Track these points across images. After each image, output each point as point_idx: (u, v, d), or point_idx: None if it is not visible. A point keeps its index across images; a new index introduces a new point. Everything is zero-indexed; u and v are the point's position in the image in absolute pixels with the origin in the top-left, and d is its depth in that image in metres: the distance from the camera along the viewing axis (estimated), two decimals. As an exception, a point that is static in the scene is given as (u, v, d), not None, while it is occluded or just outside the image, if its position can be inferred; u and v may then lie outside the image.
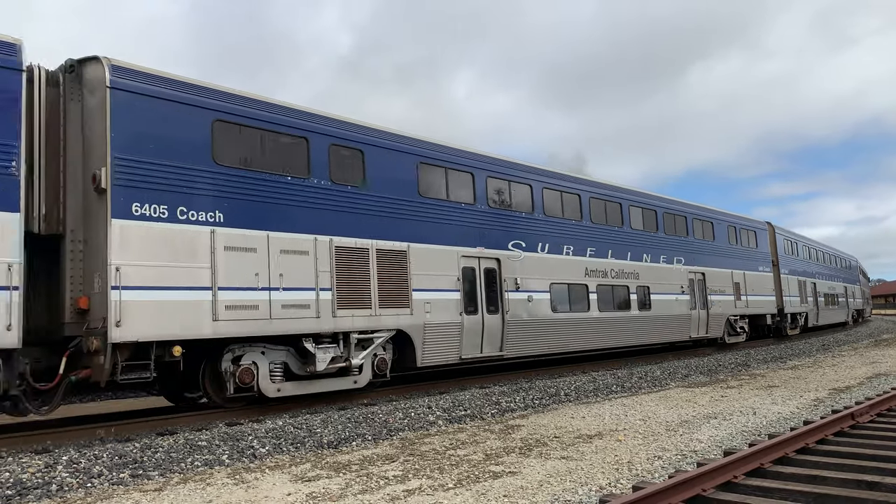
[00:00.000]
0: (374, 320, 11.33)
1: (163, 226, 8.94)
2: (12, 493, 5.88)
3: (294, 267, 10.25)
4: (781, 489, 4.90)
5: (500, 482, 5.77)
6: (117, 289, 8.39)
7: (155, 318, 8.67)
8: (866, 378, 12.90)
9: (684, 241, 20.50)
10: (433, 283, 12.42)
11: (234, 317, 9.43)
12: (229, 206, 9.66)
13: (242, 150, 10.05)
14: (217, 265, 9.35)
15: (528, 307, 14.32)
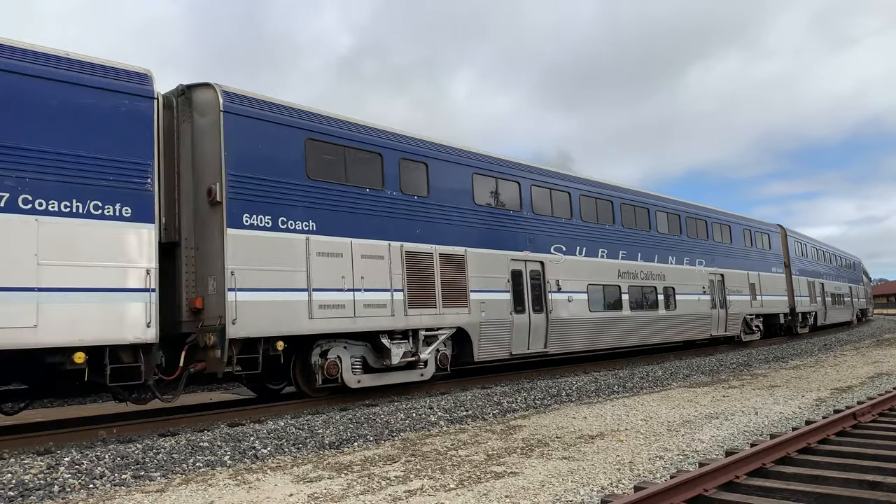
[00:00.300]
0: (439, 318, 12.38)
1: (267, 234, 10.07)
2: (14, 495, 5.89)
3: (372, 270, 11.36)
4: (783, 489, 4.90)
5: (502, 482, 5.77)
6: (233, 290, 9.49)
7: (263, 317, 9.76)
8: (868, 378, 12.89)
9: (705, 244, 21.57)
10: (487, 284, 13.49)
11: (326, 315, 10.56)
12: (320, 215, 10.78)
13: (329, 165, 11.18)
14: (311, 269, 10.48)
15: (568, 307, 15.36)
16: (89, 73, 8.59)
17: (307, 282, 10.34)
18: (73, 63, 8.51)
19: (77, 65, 8.54)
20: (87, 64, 8.65)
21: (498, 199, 14.26)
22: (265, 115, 10.40)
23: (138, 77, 9.10)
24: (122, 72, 8.98)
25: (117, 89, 8.81)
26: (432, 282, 12.31)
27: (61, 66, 8.39)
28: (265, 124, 10.34)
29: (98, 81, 8.65)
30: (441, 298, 12.40)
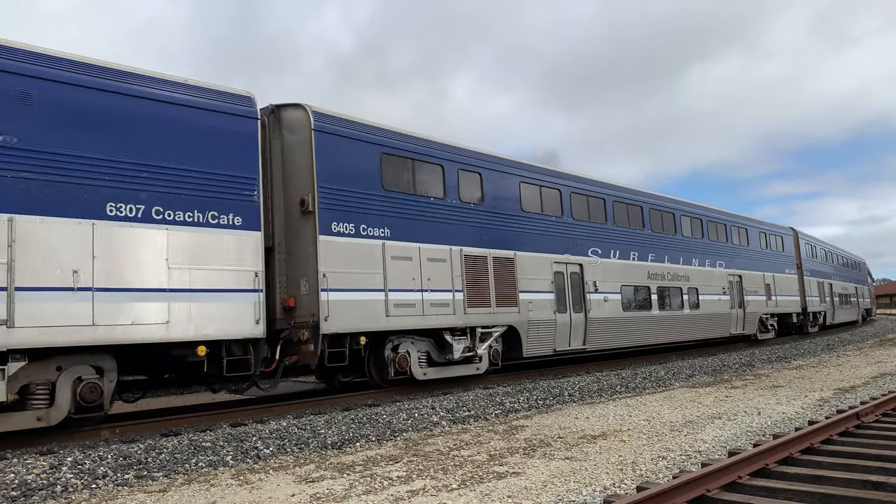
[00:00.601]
0: (492, 317, 13.42)
1: (351, 240, 11.17)
2: (17, 495, 5.90)
3: (437, 272, 12.43)
4: (786, 489, 4.89)
5: (504, 483, 5.76)
6: (325, 291, 10.57)
7: (349, 314, 10.86)
8: (871, 378, 12.86)
9: (724, 247, 22.72)
10: (533, 285, 14.53)
11: (399, 313, 11.66)
12: (393, 223, 11.88)
13: (399, 177, 12.29)
14: (387, 272, 11.59)
15: (604, 306, 16.43)
16: (205, 97, 9.68)
17: (384, 283, 11.51)
18: (192, 88, 9.56)
19: (195, 90, 9.60)
20: (203, 89, 9.70)
21: (542, 206, 15.36)
22: (347, 132, 11.54)
23: (244, 100, 10.19)
24: (231, 95, 10.02)
25: (228, 111, 9.87)
26: (487, 283, 13.42)
27: (182, 91, 9.42)
28: (347, 140, 11.47)
29: (212, 105, 9.70)
30: (494, 298, 13.48)
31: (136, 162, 8.77)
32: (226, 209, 9.57)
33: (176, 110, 9.27)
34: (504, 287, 13.70)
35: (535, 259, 14.64)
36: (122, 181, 8.63)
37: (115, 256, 8.44)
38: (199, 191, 9.32)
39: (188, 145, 9.33)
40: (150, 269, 8.71)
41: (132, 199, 8.68)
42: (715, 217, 22.59)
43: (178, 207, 9.07)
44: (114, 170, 8.60)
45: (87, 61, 8.72)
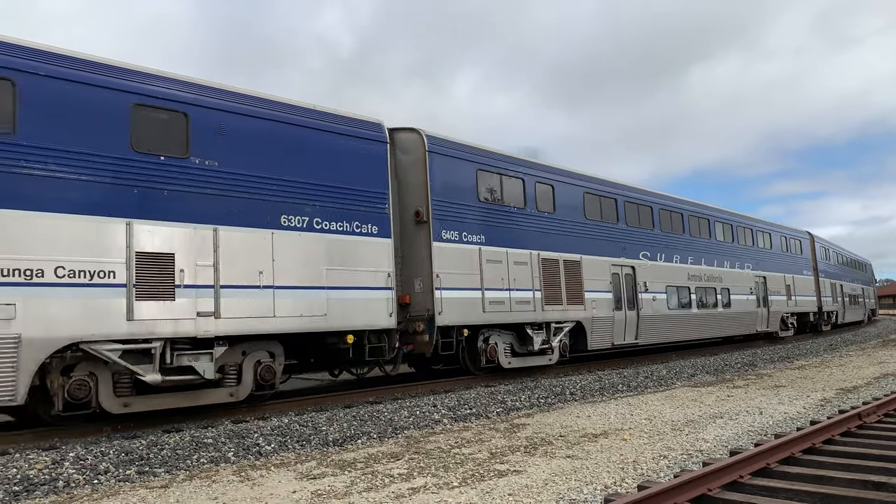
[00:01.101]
0: (564, 313, 15.07)
1: (456, 245, 12.91)
2: (20, 490, 5.92)
3: (520, 274, 14.07)
4: (787, 489, 4.88)
5: (505, 481, 5.77)
6: (439, 289, 12.31)
7: (456, 310, 12.55)
8: (874, 378, 12.83)
9: (751, 250, 24.58)
10: (596, 286, 16.17)
11: (492, 309, 13.33)
12: (487, 230, 13.62)
13: (491, 190, 14.01)
14: (483, 273, 13.26)
15: (653, 305, 18.07)
16: (347, 125, 11.37)
17: (481, 283, 13.19)
18: (336, 117, 11.27)
19: (339, 118, 11.29)
20: (345, 117, 11.41)
21: (601, 214, 17.03)
22: (452, 152, 13.26)
23: (377, 126, 11.89)
24: (366, 122, 11.75)
25: (364, 136, 11.58)
26: (559, 283, 15.06)
27: (330, 120, 11.15)
28: (452, 160, 13.23)
29: (352, 131, 11.42)
30: (565, 297, 15.15)
31: (302, 181, 10.53)
32: (365, 220, 11.36)
33: (327, 136, 11.01)
34: (573, 287, 15.43)
35: (596, 262, 16.35)
36: (292, 197, 10.36)
37: (288, 260, 10.16)
38: (346, 204, 11.10)
39: (337, 166, 11.09)
40: (313, 270, 10.45)
41: (300, 212, 10.44)
42: (743, 222, 24.49)
43: (332, 219, 10.89)
44: (287, 188, 10.32)
45: (262, 96, 10.42)
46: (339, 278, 10.75)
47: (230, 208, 9.58)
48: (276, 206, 10.12)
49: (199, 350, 9.16)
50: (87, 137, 8.46)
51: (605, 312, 16.24)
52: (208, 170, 9.47)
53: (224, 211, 9.52)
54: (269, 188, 10.08)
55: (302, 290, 10.24)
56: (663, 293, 18.58)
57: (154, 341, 8.71)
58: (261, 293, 9.71)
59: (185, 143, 9.31)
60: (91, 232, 8.32)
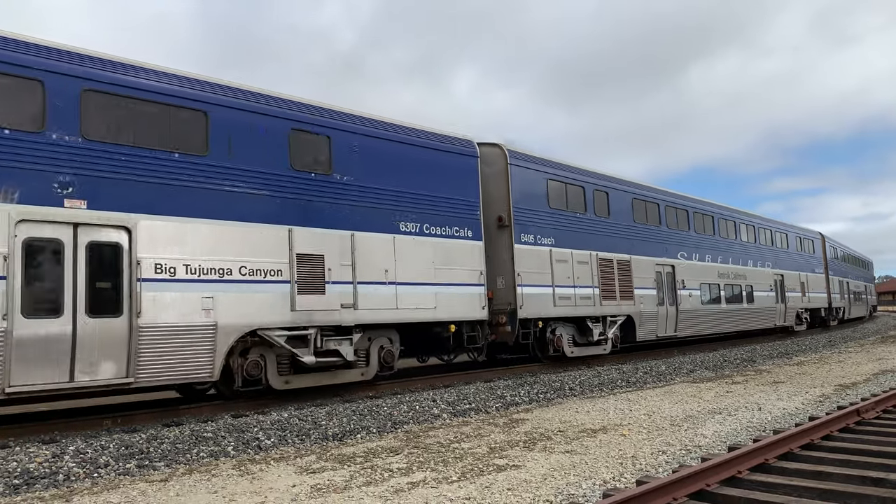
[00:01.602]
0: (617, 308, 16.63)
1: (532, 247, 14.55)
2: (20, 483, 5.93)
3: (582, 272, 15.73)
4: (786, 485, 4.89)
5: (504, 475, 5.78)
6: (520, 286, 13.94)
7: (533, 304, 14.19)
8: (872, 374, 12.85)
9: (771, 250, 26.47)
10: (643, 283, 17.75)
11: (561, 304, 14.97)
12: (556, 233, 15.25)
13: (558, 197, 15.64)
14: (553, 271, 14.91)
15: (690, 301, 19.70)
16: (445, 142, 13.22)
17: (552, 280, 14.81)
18: (437, 136, 13.05)
19: (438, 136, 13.09)
20: (443, 136, 13.24)
21: (647, 218, 18.66)
22: (527, 164, 14.94)
23: (468, 142, 13.75)
24: (460, 139, 13.60)
25: (459, 152, 13.41)
26: (613, 281, 16.64)
27: (432, 138, 12.93)
28: (527, 171, 14.86)
29: (450, 147, 13.20)
30: (618, 293, 16.70)
31: (414, 192, 12.27)
32: (461, 225, 13.12)
33: (431, 153, 12.74)
34: (624, 284, 16.99)
35: (643, 261, 17.98)
36: (408, 206, 12.13)
37: (406, 260, 11.92)
38: (447, 212, 12.86)
39: (439, 178, 12.83)
40: (425, 269, 12.22)
41: (413, 219, 12.21)
42: (764, 224, 26.47)
43: (436, 224, 12.65)
44: (403, 198, 12.09)
45: (383, 119, 12.19)
46: (443, 276, 12.60)
47: (363, 216, 11.43)
48: (396, 214, 11.96)
49: (342, 336, 10.92)
50: (259, 158, 10.20)
51: (650, 307, 17.88)
52: (346, 184, 11.28)
53: (358, 218, 11.35)
54: (391, 199, 11.94)
55: (417, 286, 12.11)
56: (697, 290, 20.32)
57: (310, 328, 10.43)
58: (386, 288, 11.59)
59: (329, 162, 11.11)
60: (264, 237, 10.08)
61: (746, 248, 24.30)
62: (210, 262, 9.42)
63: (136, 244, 8.81)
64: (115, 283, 8.66)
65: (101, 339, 8.39)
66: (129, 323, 8.61)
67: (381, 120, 12.13)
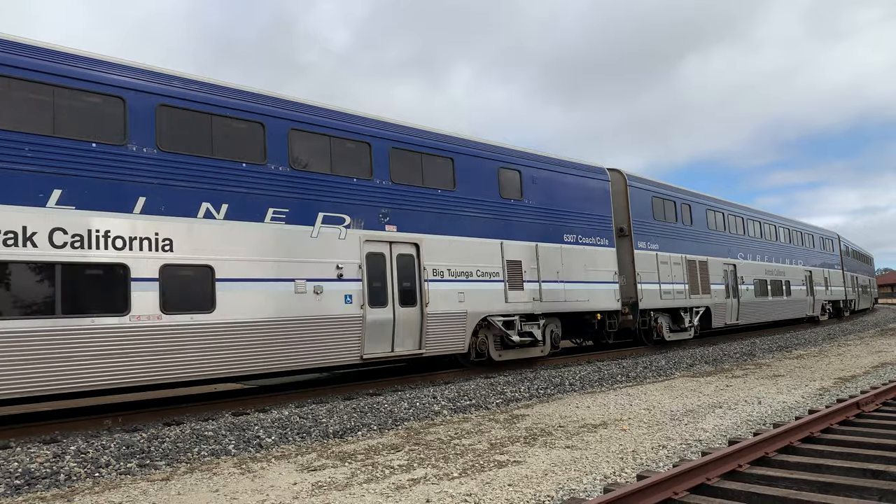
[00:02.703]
0: (699, 300, 20.25)
1: (646, 252, 18.23)
2: (21, 483, 5.93)
3: (677, 272, 19.39)
4: (786, 478, 4.90)
5: (505, 471, 5.79)
6: (640, 283, 17.65)
7: (649, 298, 17.88)
8: (872, 367, 12.87)
9: (802, 250, 30.57)
10: (716, 279, 21.40)
11: (665, 297, 18.59)
12: (659, 240, 18.98)
13: (661, 210, 19.37)
14: (659, 271, 18.51)
15: (747, 294, 23.51)
16: (587, 171, 16.84)
17: (658, 279, 18.41)
18: (580, 166, 16.68)
19: (581, 166, 16.71)
20: (584, 165, 16.82)
21: (717, 225, 22.53)
22: (639, 185, 18.71)
23: (602, 169, 17.44)
24: (596, 167, 17.27)
25: (597, 177, 17.12)
26: (697, 278, 20.23)
27: (577, 167, 16.55)
28: (639, 190, 18.65)
29: (590, 174, 16.90)
30: (700, 288, 20.28)
31: (571, 210, 15.97)
32: (600, 235, 16.72)
33: (578, 179, 16.49)
34: (703, 281, 20.58)
35: (716, 262, 21.74)
36: (567, 222, 15.80)
37: (568, 263, 15.54)
38: (591, 224, 16.50)
39: (584, 199, 16.51)
40: (580, 270, 15.83)
41: (572, 231, 15.91)
42: (796, 227, 30.71)
43: (585, 234, 16.28)
44: (565, 215, 15.79)
45: (547, 155, 15.91)
46: (591, 275, 16.12)
47: (541, 230, 15.09)
48: (561, 228, 15.59)
49: (532, 322, 14.52)
50: (482, 191, 13.94)
51: (721, 300, 21.57)
52: (531, 206, 14.98)
53: (539, 232, 15.00)
54: (558, 216, 15.59)
55: (576, 283, 15.68)
56: (752, 285, 24.14)
57: (514, 316, 14.06)
58: (557, 285, 15.18)
59: (521, 191, 14.85)
60: (487, 248, 13.80)
61: (784, 248, 28.41)
62: (461, 266, 13.17)
63: (422, 255, 12.44)
64: (412, 282, 12.22)
65: (407, 323, 11.99)
66: (420, 311, 12.24)
67: (548, 156, 15.94)
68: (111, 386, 8.50)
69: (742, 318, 22.84)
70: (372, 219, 11.73)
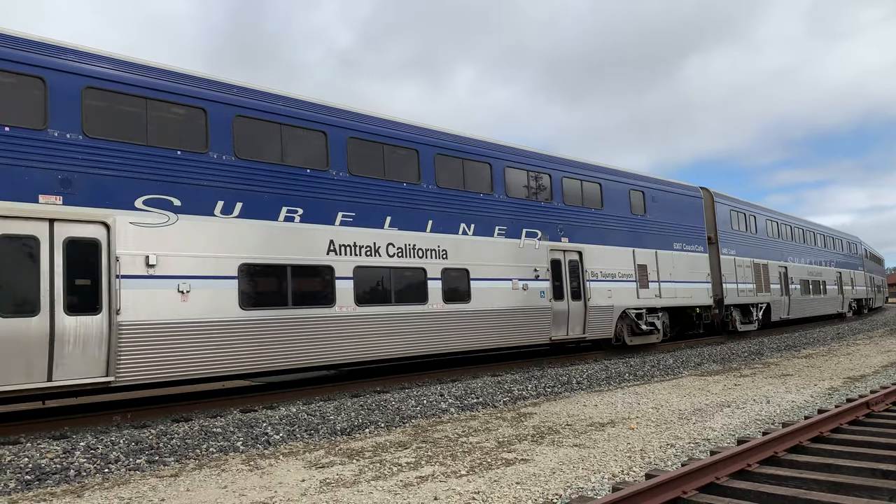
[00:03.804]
0: (762, 297, 23.93)
1: (727, 257, 21.77)
2: (31, 479, 5.97)
3: (748, 273, 23.07)
4: (796, 477, 4.88)
5: (513, 469, 5.78)
6: (724, 283, 21.08)
7: (730, 295, 21.43)
8: (881, 367, 12.79)
9: (834, 253, 34.98)
10: (773, 280, 25.27)
11: (741, 294, 22.24)
12: (736, 247, 22.56)
13: (736, 221, 23.07)
14: (736, 273, 22.18)
15: (795, 292, 27.51)
16: (687, 189, 20.58)
17: (735, 279, 22.03)
18: (680, 185, 20.35)
19: (681, 185, 20.38)
20: (683, 185, 20.53)
21: (773, 233, 26.57)
22: (721, 201, 22.32)
23: (696, 188, 21.18)
24: (693, 187, 20.97)
25: (693, 195, 20.76)
26: (761, 278, 24.05)
27: (678, 186, 20.24)
28: (722, 205, 22.28)
29: (688, 192, 20.51)
30: (763, 287, 24.05)
31: (676, 223, 19.56)
32: (697, 243, 20.35)
33: (681, 197, 20.16)
34: (765, 281, 24.37)
35: (773, 265, 25.61)
36: (675, 232, 19.42)
37: (676, 266, 18.98)
38: (690, 235, 20.07)
39: (685, 213, 20.09)
40: (685, 272, 19.38)
41: (677, 240, 19.43)
42: (829, 233, 35.01)
43: (686, 242, 19.84)
44: (675, 227, 19.48)
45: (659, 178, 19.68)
46: (691, 276, 19.69)
47: (658, 240, 18.69)
48: (671, 237, 19.29)
49: (653, 314, 17.89)
50: (620, 209, 17.61)
51: (778, 297, 25.37)
52: (651, 220, 18.64)
53: (657, 241, 18.65)
54: (668, 228, 19.21)
55: (682, 283, 19.23)
56: (798, 284, 28.09)
57: (643, 309, 17.49)
58: (670, 285, 18.66)
59: (644, 207, 18.49)
60: (625, 255, 17.41)
61: (821, 252, 32.61)
62: (609, 269, 16.69)
63: (584, 260, 16.06)
64: (578, 282, 15.80)
65: (576, 313, 15.62)
66: (584, 304, 15.80)
67: (661, 178, 19.76)
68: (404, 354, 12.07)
69: (792, 312, 26.92)
70: (553, 233, 15.47)
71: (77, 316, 8.32)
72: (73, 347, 8.23)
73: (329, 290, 10.94)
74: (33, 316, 7.98)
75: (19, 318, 7.89)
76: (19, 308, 7.94)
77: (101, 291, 8.57)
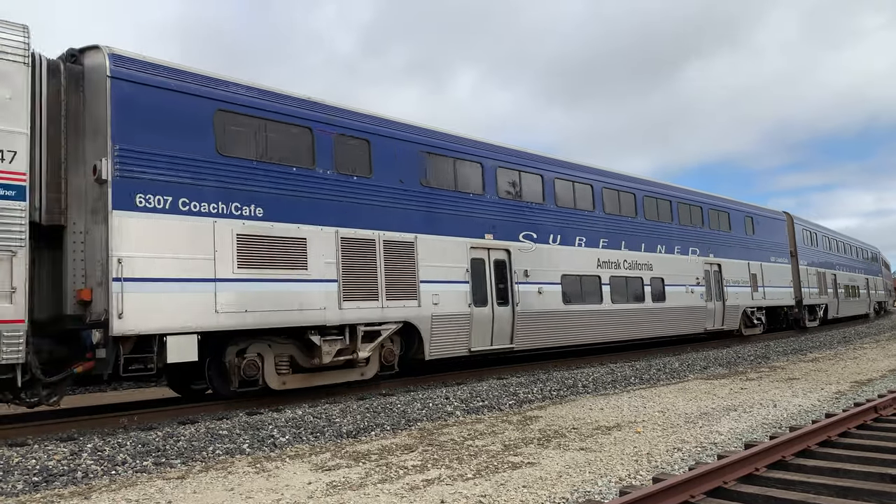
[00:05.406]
0: (823, 300, 29.03)
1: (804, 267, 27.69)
2: (39, 480, 5.99)
3: (814, 279, 27.85)
4: (804, 482, 4.86)
5: (519, 473, 5.78)
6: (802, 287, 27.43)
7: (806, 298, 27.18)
8: (889, 371, 12.73)
9: (862, 262, 40.44)
10: (828, 285, 30.15)
11: (811, 297, 27.68)
12: (808, 258, 28.17)
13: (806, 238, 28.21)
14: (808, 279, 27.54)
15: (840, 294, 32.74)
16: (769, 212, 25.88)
17: (807, 284, 27.36)
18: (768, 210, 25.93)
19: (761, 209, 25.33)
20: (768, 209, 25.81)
21: (827, 246, 31.88)
22: (798, 222, 27.56)
23: (781, 213, 27.06)
24: (778, 211, 26.88)
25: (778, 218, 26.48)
26: (821, 283, 28.93)
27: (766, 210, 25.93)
28: (798, 225, 27.70)
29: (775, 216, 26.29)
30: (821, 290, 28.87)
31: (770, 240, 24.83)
32: (784, 256, 25.62)
33: (770, 220, 25.24)
34: (824, 286, 29.43)
35: (829, 272, 30.87)
36: (769, 248, 24.66)
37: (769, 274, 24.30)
38: (780, 250, 25.47)
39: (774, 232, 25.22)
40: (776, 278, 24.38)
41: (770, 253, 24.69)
42: (859, 245, 40.59)
43: (775, 255, 25.05)
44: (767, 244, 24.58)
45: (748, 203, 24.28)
46: (782, 282, 24.96)
47: (762, 254, 23.71)
48: (768, 252, 24.32)
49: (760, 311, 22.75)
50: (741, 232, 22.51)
51: (832, 299, 30.53)
52: (757, 239, 23.61)
53: (761, 255, 23.62)
54: (767, 245, 24.27)
55: (776, 287, 24.41)
56: (843, 289, 33.41)
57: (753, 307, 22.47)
58: (770, 289, 23.80)
59: (754, 229, 23.45)
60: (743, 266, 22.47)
61: (854, 261, 38.09)
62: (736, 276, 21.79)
63: (723, 270, 21.05)
64: (720, 287, 20.75)
65: (718, 311, 20.31)
66: (723, 304, 20.68)
67: (760, 206, 24.99)
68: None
69: (840, 312, 32.21)
70: (704, 250, 20.52)
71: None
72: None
73: (599, 291, 16.17)
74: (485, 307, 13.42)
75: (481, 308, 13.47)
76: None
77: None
